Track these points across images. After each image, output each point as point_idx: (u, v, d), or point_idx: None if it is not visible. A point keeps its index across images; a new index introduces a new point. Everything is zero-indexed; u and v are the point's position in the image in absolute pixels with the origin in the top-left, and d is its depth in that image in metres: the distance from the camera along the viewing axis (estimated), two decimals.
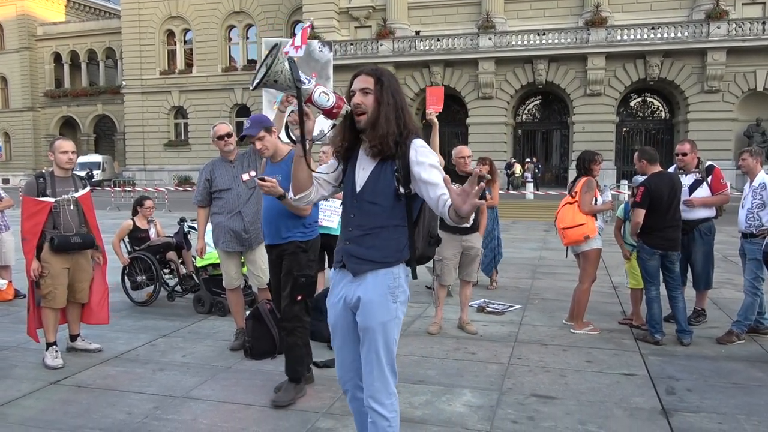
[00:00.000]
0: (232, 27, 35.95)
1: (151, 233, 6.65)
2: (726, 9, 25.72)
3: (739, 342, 4.90)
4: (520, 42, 27.69)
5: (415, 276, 2.43)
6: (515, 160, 28.74)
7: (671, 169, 5.62)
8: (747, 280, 4.96)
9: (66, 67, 41.78)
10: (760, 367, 4.36)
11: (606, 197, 5.62)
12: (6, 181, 38.07)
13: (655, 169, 5.02)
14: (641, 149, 5.20)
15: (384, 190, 2.30)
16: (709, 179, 5.35)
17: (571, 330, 5.30)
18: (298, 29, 7.38)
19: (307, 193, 2.41)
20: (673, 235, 4.93)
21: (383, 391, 2.34)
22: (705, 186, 5.34)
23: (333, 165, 2.45)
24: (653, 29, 26.11)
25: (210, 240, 5.04)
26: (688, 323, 5.04)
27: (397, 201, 2.31)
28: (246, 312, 4.83)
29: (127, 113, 37.46)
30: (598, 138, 26.91)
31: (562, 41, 27.22)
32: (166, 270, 6.55)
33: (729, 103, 26.21)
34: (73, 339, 4.71)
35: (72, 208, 4.43)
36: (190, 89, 36.14)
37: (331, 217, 5.29)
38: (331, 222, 5.26)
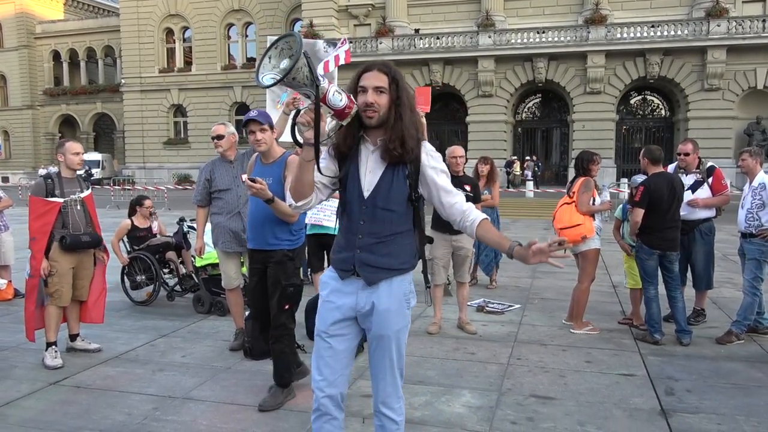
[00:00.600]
0: (231, 25, 35.89)
1: (153, 227, 6.66)
2: (726, 7, 25.66)
3: (739, 342, 4.91)
4: (519, 40, 27.66)
5: (428, 281, 2.43)
6: (515, 158, 28.74)
7: (671, 168, 5.63)
8: (746, 280, 4.97)
9: (65, 65, 41.75)
10: (759, 368, 4.37)
11: (604, 197, 5.62)
12: (5, 180, 37.99)
13: (657, 170, 5.01)
14: (647, 147, 5.17)
15: (398, 196, 2.20)
16: (710, 180, 5.36)
17: (571, 330, 5.31)
18: (331, 50, 7.21)
19: (309, 200, 2.22)
20: (673, 236, 4.93)
21: (394, 396, 2.34)
22: (705, 186, 5.34)
23: (329, 167, 2.27)
24: (653, 27, 26.07)
25: (209, 240, 5.04)
26: (687, 323, 5.04)
27: (409, 206, 2.25)
28: (245, 312, 4.81)
29: (127, 111, 37.42)
30: (598, 136, 26.95)
31: (561, 39, 27.18)
32: (165, 270, 6.55)
33: (729, 101, 26.18)
34: (73, 339, 4.73)
35: (78, 208, 4.54)
36: (189, 87, 36.10)
37: (331, 217, 5.27)
38: (331, 222, 5.24)
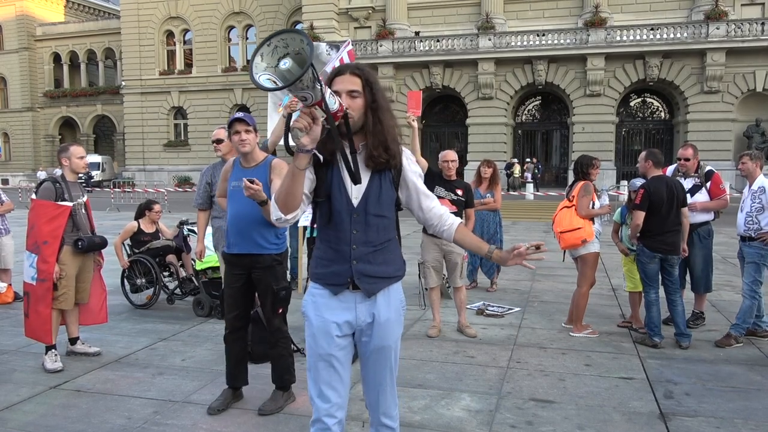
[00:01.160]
0: (231, 27, 35.95)
1: (160, 235, 6.67)
2: (725, 10, 25.73)
3: (738, 345, 4.91)
4: (519, 43, 27.70)
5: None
6: (515, 160, 28.77)
7: (669, 170, 5.64)
8: (745, 283, 4.97)
9: (65, 68, 41.79)
10: (758, 371, 4.37)
11: (603, 201, 5.64)
12: (5, 182, 38.00)
13: (657, 173, 5.03)
14: (650, 150, 5.19)
15: (388, 201, 2.17)
16: (708, 184, 5.38)
17: (570, 333, 5.31)
18: (334, 53, 7.14)
19: (297, 213, 2.08)
20: (674, 239, 4.93)
21: (392, 404, 2.32)
22: (704, 191, 5.36)
23: (308, 176, 2.11)
24: (652, 30, 26.12)
25: (210, 243, 5.05)
26: (686, 326, 5.05)
27: (395, 211, 2.24)
28: None
29: (127, 113, 37.45)
30: (597, 138, 26.99)
31: (561, 42, 27.24)
32: (165, 273, 6.56)
33: (728, 104, 26.23)
34: (73, 342, 4.73)
35: (83, 211, 4.61)
36: (189, 89, 36.14)
37: None
38: None
